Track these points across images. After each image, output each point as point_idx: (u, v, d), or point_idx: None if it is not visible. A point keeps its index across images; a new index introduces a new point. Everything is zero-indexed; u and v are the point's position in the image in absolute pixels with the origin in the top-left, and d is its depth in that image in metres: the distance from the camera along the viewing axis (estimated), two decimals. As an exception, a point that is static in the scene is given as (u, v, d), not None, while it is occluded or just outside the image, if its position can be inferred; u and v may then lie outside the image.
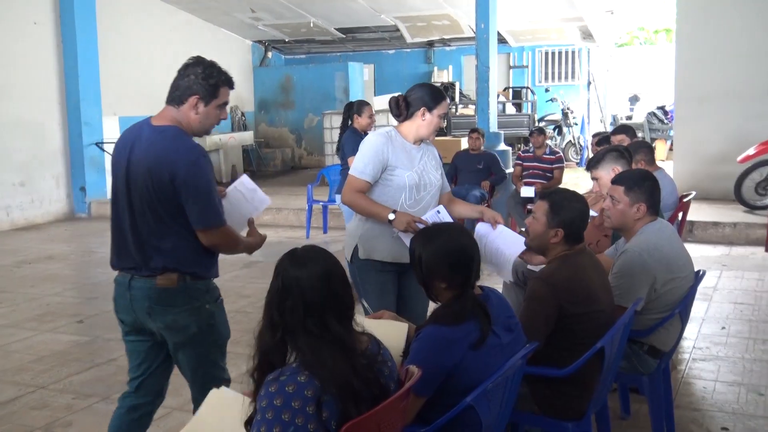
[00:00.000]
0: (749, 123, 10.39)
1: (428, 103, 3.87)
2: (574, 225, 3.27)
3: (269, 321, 2.24)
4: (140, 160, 3.03)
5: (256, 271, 7.97)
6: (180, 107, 3.08)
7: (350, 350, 2.21)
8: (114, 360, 5.27)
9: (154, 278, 3.06)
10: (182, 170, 2.96)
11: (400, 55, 18.43)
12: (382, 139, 3.88)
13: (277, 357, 2.22)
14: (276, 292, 2.24)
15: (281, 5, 14.98)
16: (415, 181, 3.88)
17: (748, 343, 5.31)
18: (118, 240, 3.18)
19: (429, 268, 2.71)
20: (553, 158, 9.30)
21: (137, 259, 3.09)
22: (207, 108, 3.09)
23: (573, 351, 3.01)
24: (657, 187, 3.72)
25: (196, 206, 3.00)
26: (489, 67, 10.66)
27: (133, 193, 3.06)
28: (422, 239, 2.77)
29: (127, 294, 3.13)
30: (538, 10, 15.21)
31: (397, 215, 3.74)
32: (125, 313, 3.18)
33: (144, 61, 13.93)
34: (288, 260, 2.27)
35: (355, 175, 3.88)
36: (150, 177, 2.99)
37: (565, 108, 16.57)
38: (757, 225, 8.79)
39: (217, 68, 3.12)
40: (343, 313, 2.25)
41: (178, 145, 3.01)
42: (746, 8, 10.51)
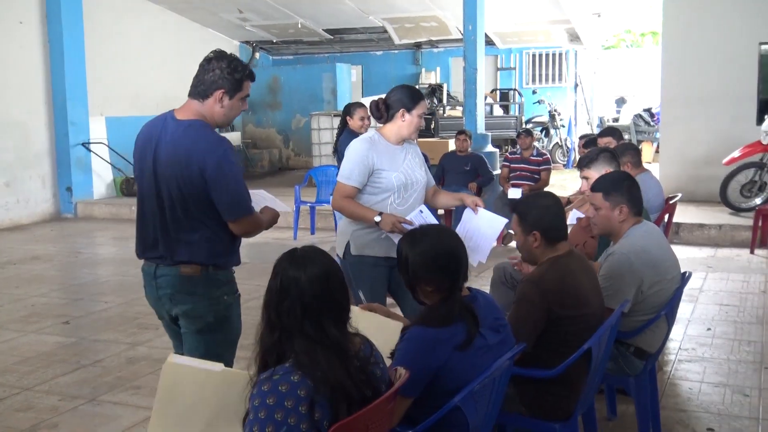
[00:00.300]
0: (735, 125, 10.45)
1: (407, 104, 3.98)
2: (545, 221, 3.26)
3: (267, 321, 2.24)
4: (168, 155, 3.09)
5: (243, 272, 7.87)
6: (205, 101, 3.15)
7: (345, 353, 2.21)
8: (100, 361, 5.25)
9: (178, 267, 3.15)
10: (211, 163, 3.02)
11: (387, 56, 18.44)
12: (365, 145, 3.99)
13: (273, 357, 2.22)
14: (274, 292, 2.24)
15: (269, 6, 14.96)
16: (402, 181, 3.99)
17: (733, 344, 5.34)
18: (143, 232, 3.25)
19: (416, 270, 2.70)
20: (540, 160, 9.33)
21: (163, 250, 3.16)
22: (231, 101, 3.16)
23: (560, 352, 3.02)
24: (635, 186, 3.73)
25: (227, 198, 3.07)
26: (476, 69, 10.68)
27: (161, 187, 3.12)
28: (409, 242, 2.76)
29: (153, 282, 3.22)
30: (526, 12, 15.26)
31: (383, 217, 3.85)
32: (152, 300, 3.29)
33: (131, 61, 13.88)
34: (287, 260, 2.27)
35: (342, 181, 3.99)
36: (180, 171, 3.05)
37: (553, 110, 16.63)
38: (742, 227, 8.84)
39: (241, 62, 3.20)
40: (340, 316, 2.25)
41: (205, 139, 3.07)
42: (731, 12, 10.58)
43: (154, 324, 6.07)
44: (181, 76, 16.38)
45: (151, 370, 5.04)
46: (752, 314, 6.05)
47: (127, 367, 5.12)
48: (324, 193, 10.19)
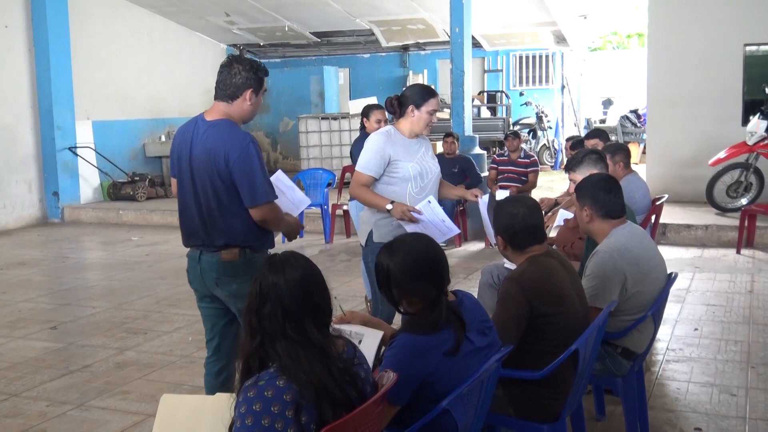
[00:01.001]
0: (720, 126, 10.52)
1: (416, 101, 4.33)
2: (511, 230, 3.28)
3: (248, 326, 2.24)
4: (201, 151, 3.50)
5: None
6: (233, 101, 3.54)
7: (327, 355, 2.22)
8: (88, 366, 5.23)
9: (219, 253, 3.53)
10: (234, 154, 3.40)
11: (375, 59, 18.44)
12: (382, 137, 4.34)
13: (257, 362, 2.22)
14: (254, 297, 2.25)
15: (256, 9, 14.95)
16: (418, 171, 4.35)
17: (720, 344, 5.37)
18: (185, 222, 3.65)
19: (399, 281, 2.67)
20: (527, 162, 9.36)
21: (203, 237, 3.56)
22: (257, 98, 3.58)
23: (547, 354, 3.03)
24: (602, 189, 3.72)
25: (247, 185, 3.42)
26: (464, 71, 10.69)
27: (197, 181, 3.52)
28: (387, 254, 2.72)
29: (197, 267, 3.60)
30: (512, 14, 15.30)
31: (394, 205, 4.20)
32: (197, 283, 3.67)
33: (118, 64, 13.84)
34: (266, 266, 2.28)
35: (359, 170, 4.33)
36: (211, 164, 3.45)
37: (540, 112, 16.68)
38: (728, 227, 8.90)
39: (256, 61, 3.60)
40: (321, 319, 2.26)
41: (231, 134, 3.47)
42: (716, 14, 10.64)
43: (143, 328, 6.08)
44: (169, 79, 16.48)
45: (139, 375, 5.02)
46: (739, 314, 6.08)
47: (116, 372, 5.11)
48: (312, 196, 10.17)
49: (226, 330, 3.77)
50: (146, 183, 12.97)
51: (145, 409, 4.45)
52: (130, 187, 12.78)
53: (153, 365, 5.23)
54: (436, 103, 4.41)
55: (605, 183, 3.78)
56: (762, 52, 10.76)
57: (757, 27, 10.47)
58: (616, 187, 3.78)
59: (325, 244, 9.64)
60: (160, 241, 10.20)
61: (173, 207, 12.61)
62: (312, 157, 14.04)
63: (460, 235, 9.26)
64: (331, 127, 14.07)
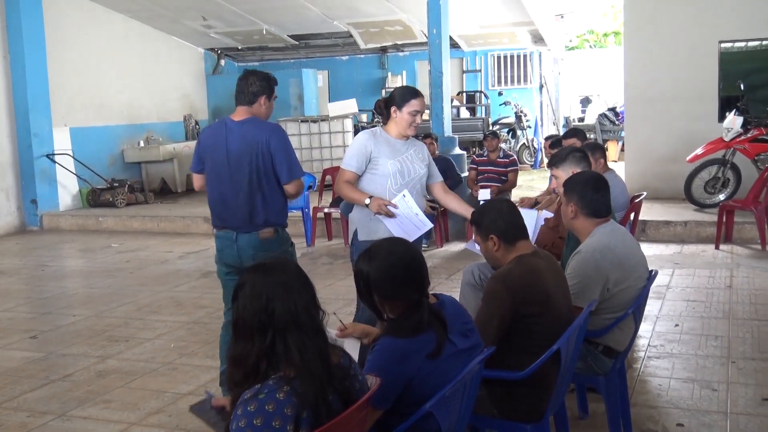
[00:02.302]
0: (697, 123, 10.60)
1: (398, 103, 4.50)
2: (499, 223, 3.32)
3: (258, 326, 2.20)
4: (240, 144, 4.22)
5: (213, 281, 7.84)
6: (252, 106, 4.30)
7: (328, 360, 2.23)
8: (69, 375, 5.18)
9: (257, 232, 4.29)
10: (274, 139, 4.21)
11: (353, 61, 18.43)
12: (366, 136, 4.54)
13: (264, 363, 2.19)
14: (254, 298, 2.23)
15: (233, 13, 14.89)
16: (397, 168, 4.48)
17: (700, 339, 5.42)
18: (220, 208, 4.38)
19: (380, 286, 2.67)
20: (507, 161, 9.40)
21: (242, 220, 4.27)
22: (270, 102, 4.38)
23: (529, 353, 3.05)
24: (590, 187, 3.76)
25: (285, 163, 4.23)
26: (442, 72, 10.71)
27: (235, 171, 4.24)
28: (366, 260, 2.72)
29: (234, 246, 4.33)
30: (490, 15, 15.34)
31: (371, 200, 4.38)
32: (231, 259, 4.38)
33: (95, 70, 13.74)
34: (262, 271, 2.29)
35: (343, 167, 4.53)
36: (253, 152, 4.19)
37: (519, 111, 16.73)
38: (706, 223, 8.97)
39: (267, 74, 4.41)
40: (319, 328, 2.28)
41: (267, 125, 4.29)
42: (691, 12, 10.73)
43: (124, 336, 6.04)
44: (147, 84, 16.35)
45: (121, 384, 4.99)
46: (718, 309, 6.13)
47: (97, 381, 5.07)
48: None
49: None
50: (125, 189, 12.89)
51: (127, 418, 4.43)
52: (110, 194, 12.70)
53: (135, 373, 5.20)
54: (418, 104, 4.51)
55: (595, 182, 3.82)
56: (736, 49, 10.86)
57: (732, 24, 10.56)
58: (604, 188, 3.82)
59: (306, 247, 9.62)
60: (141, 248, 10.14)
61: (153, 213, 12.58)
62: (292, 160, 13.98)
63: (442, 236, 9.28)
64: (310, 129, 14.04)
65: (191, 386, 4.90)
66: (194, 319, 6.50)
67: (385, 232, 4.39)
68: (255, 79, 4.28)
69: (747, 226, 8.68)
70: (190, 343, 5.84)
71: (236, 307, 2.26)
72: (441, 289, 6.90)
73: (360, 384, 2.34)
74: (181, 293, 7.44)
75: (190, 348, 5.71)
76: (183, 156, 14.60)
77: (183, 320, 6.47)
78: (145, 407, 4.59)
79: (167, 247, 10.09)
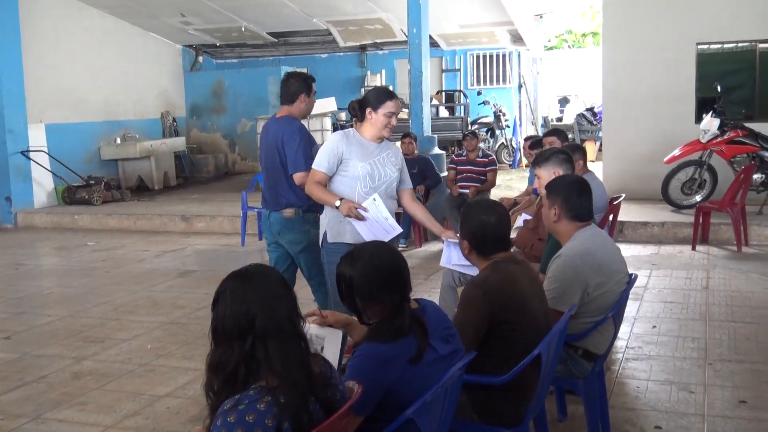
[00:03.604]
0: (674, 124, 10.67)
1: (373, 104, 4.47)
2: (477, 236, 3.32)
3: (238, 332, 2.17)
4: (271, 138, 5.08)
5: (191, 281, 7.85)
6: (293, 104, 5.08)
7: (310, 368, 2.21)
8: (44, 377, 5.12)
9: (282, 211, 5.06)
10: (287, 135, 4.96)
11: (333, 59, 18.38)
12: (338, 136, 4.54)
13: (243, 369, 2.16)
14: (235, 304, 2.20)
15: (212, 10, 14.80)
16: (368, 171, 4.45)
17: (677, 341, 5.45)
18: (263, 190, 5.28)
19: (362, 290, 2.67)
20: (486, 161, 9.40)
21: (271, 201, 5.12)
22: (309, 98, 5.13)
23: (510, 359, 3.04)
24: (574, 191, 3.76)
25: (290, 157, 4.93)
26: (422, 71, 10.70)
27: (267, 161, 5.12)
28: (348, 263, 2.71)
29: (267, 222, 5.16)
30: (469, 14, 15.36)
31: (342, 202, 4.37)
32: (267, 233, 5.22)
33: (71, 66, 13.61)
34: (242, 277, 2.26)
35: (314, 167, 4.54)
36: (275, 145, 5.01)
37: (498, 110, 16.76)
38: (683, 224, 9.03)
39: (305, 74, 5.27)
40: (301, 335, 2.26)
41: (287, 123, 5.03)
42: (669, 14, 10.80)
43: (100, 337, 5.98)
44: (124, 80, 16.21)
45: (97, 386, 4.93)
46: (695, 311, 6.17)
47: (73, 383, 5.01)
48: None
49: (287, 268, 5.17)
50: (102, 186, 12.78)
51: (103, 421, 4.38)
52: (86, 191, 12.57)
53: (111, 375, 5.14)
54: (393, 106, 4.46)
55: (579, 186, 3.81)
56: (713, 51, 10.95)
57: (708, 26, 10.65)
58: (587, 192, 3.82)
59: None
60: (117, 246, 10.05)
61: (130, 210, 12.49)
62: (271, 159, 13.92)
63: (420, 236, 9.28)
64: (289, 128, 13.99)
65: (168, 388, 4.86)
66: (171, 319, 6.44)
67: (352, 235, 4.42)
68: (294, 81, 5.05)
69: (723, 227, 8.75)
70: (167, 343, 5.79)
71: (216, 313, 2.22)
72: (420, 289, 6.90)
73: (341, 393, 2.32)
74: (158, 293, 7.38)
75: (168, 349, 5.66)
76: (160, 153, 14.50)
77: (160, 320, 6.42)
78: (122, 409, 4.54)
79: (144, 246, 10.00)
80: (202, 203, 12.53)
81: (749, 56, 10.76)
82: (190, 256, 9.34)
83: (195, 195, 13.77)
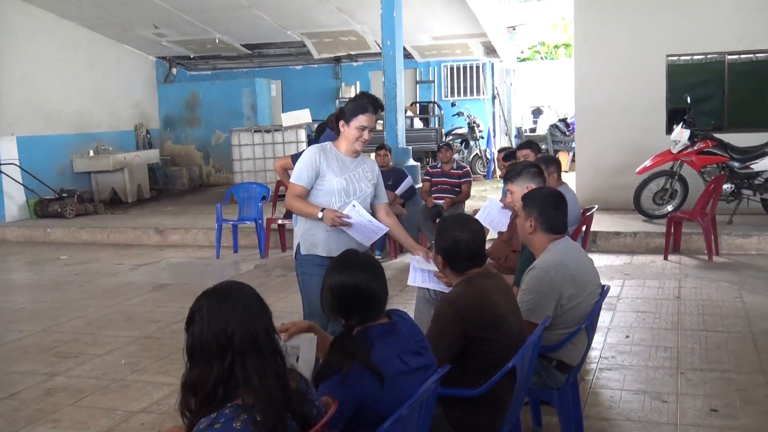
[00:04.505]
0: (645, 135, 10.80)
1: (346, 117, 4.44)
2: (451, 253, 3.35)
3: (218, 350, 2.16)
4: None
5: (166, 294, 7.80)
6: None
7: (287, 384, 2.21)
8: (16, 394, 5.06)
9: None
10: None
11: (307, 70, 18.40)
12: (316, 150, 4.47)
13: (222, 389, 2.15)
14: (213, 322, 2.19)
15: (185, 21, 14.76)
16: (343, 186, 4.42)
17: (650, 350, 5.50)
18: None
19: (325, 301, 2.77)
20: (460, 173, 9.46)
21: None
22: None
23: (485, 372, 3.06)
24: (551, 204, 3.81)
25: None
26: (396, 83, 10.73)
27: None
28: (329, 270, 2.80)
29: None
30: (443, 26, 15.45)
31: (324, 213, 4.31)
32: None
33: (43, 78, 13.50)
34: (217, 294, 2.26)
35: (293, 181, 4.46)
36: None
37: (472, 121, 16.86)
38: (655, 234, 9.13)
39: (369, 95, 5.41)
40: (278, 350, 2.26)
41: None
42: (640, 27, 10.94)
43: (73, 352, 5.93)
44: (97, 92, 16.09)
45: (70, 402, 4.89)
46: (667, 320, 6.24)
47: (46, 399, 4.95)
48: (246, 210, 10.09)
49: None
50: (75, 199, 12.66)
51: None
52: (58, 204, 12.46)
53: (84, 390, 5.09)
54: (366, 120, 4.39)
55: (555, 199, 3.86)
56: (683, 63, 11.10)
57: (678, 39, 10.81)
58: (563, 205, 3.87)
59: (260, 259, 9.56)
60: (91, 260, 9.97)
61: (103, 224, 12.36)
62: (245, 171, 13.90)
63: (396, 247, 9.29)
64: (264, 140, 13.98)
65: (143, 404, 4.83)
66: (146, 333, 6.40)
67: (323, 245, 4.42)
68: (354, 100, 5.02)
69: (694, 237, 8.86)
70: (141, 358, 5.75)
71: (192, 331, 2.21)
72: (395, 301, 6.91)
73: (317, 408, 2.32)
74: (132, 307, 7.33)
75: (142, 364, 5.62)
76: (134, 165, 14.41)
77: (134, 335, 6.37)
78: (96, 426, 4.51)
79: (118, 259, 9.93)
80: (176, 216, 12.47)
81: (718, 68, 10.93)
82: (164, 270, 9.29)
83: (169, 207, 13.69)
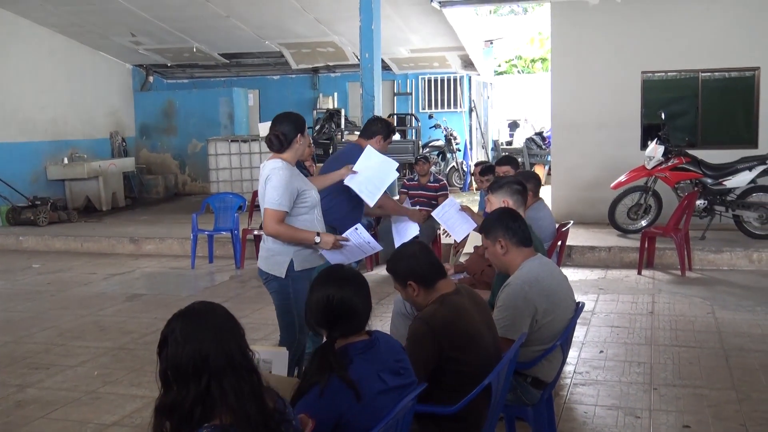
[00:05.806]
0: (620, 150, 10.91)
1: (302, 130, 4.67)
2: (415, 268, 3.37)
3: (194, 371, 2.14)
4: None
5: (140, 305, 7.74)
6: (369, 140, 5.75)
7: (264, 402, 2.21)
8: (-14, 406, 4.99)
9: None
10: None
11: (285, 80, 18.38)
12: (287, 171, 4.34)
13: (199, 408, 2.13)
14: (187, 343, 2.18)
15: (163, 30, 14.70)
16: (319, 197, 4.56)
17: (624, 366, 5.54)
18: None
19: (310, 313, 2.80)
20: (437, 186, 9.49)
21: None
22: (384, 143, 5.82)
23: (460, 390, 3.07)
24: (508, 218, 3.86)
25: None
26: (374, 96, 10.76)
27: None
28: (313, 284, 2.82)
29: None
30: (421, 39, 15.52)
31: (321, 237, 4.33)
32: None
33: (18, 85, 13.39)
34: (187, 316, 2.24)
35: (274, 208, 4.28)
36: None
37: (449, 134, 16.93)
38: (630, 248, 9.21)
39: (389, 123, 5.89)
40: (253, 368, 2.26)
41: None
42: (615, 43, 11.07)
43: (45, 363, 5.86)
44: (72, 100, 15.98)
45: (42, 414, 4.83)
46: (641, 335, 6.29)
47: (16, 412, 4.89)
48: (222, 220, 10.05)
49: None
50: (48, 207, 12.53)
51: None
52: (31, 212, 12.33)
53: (56, 403, 5.04)
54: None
55: (509, 213, 3.94)
56: (657, 79, 11.23)
57: (653, 55, 10.94)
58: (519, 216, 3.96)
59: (235, 270, 9.51)
60: (64, 268, 9.87)
61: (77, 232, 12.23)
62: (222, 180, 13.85)
63: (371, 259, 9.29)
64: (241, 149, 13.94)
65: (116, 416, 4.78)
66: (119, 344, 6.34)
67: (318, 259, 4.50)
68: (379, 122, 5.94)
69: (668, 252, 8.94)
70: (114, 370, 5.70)
71: (166, 354, 2.19)
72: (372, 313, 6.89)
73: (294, 428, 2.32)
74: (105, 317, 7.26)
75: (115, 375, 5.57)
76: (108, 174, 14.30)
77: (107, 346, 6.31)
78: None
79: (91, 269, 9.84)
80: (151, 225, 12.38)
81: (692, 84, 11.06)
82: (138, 279, 9.21)
83: (144, 216, 13.60)
